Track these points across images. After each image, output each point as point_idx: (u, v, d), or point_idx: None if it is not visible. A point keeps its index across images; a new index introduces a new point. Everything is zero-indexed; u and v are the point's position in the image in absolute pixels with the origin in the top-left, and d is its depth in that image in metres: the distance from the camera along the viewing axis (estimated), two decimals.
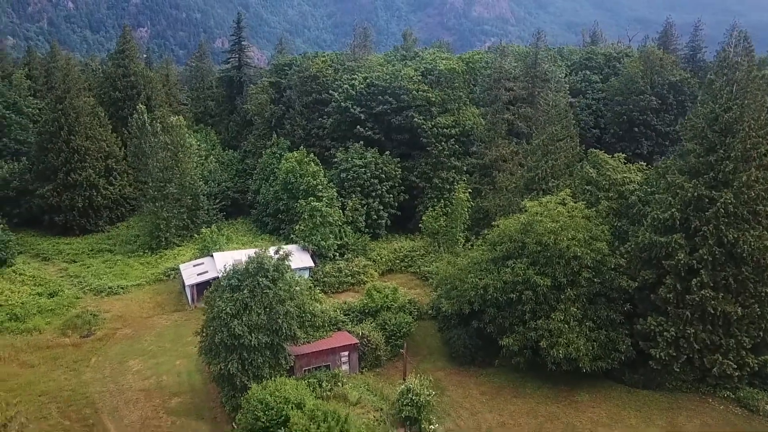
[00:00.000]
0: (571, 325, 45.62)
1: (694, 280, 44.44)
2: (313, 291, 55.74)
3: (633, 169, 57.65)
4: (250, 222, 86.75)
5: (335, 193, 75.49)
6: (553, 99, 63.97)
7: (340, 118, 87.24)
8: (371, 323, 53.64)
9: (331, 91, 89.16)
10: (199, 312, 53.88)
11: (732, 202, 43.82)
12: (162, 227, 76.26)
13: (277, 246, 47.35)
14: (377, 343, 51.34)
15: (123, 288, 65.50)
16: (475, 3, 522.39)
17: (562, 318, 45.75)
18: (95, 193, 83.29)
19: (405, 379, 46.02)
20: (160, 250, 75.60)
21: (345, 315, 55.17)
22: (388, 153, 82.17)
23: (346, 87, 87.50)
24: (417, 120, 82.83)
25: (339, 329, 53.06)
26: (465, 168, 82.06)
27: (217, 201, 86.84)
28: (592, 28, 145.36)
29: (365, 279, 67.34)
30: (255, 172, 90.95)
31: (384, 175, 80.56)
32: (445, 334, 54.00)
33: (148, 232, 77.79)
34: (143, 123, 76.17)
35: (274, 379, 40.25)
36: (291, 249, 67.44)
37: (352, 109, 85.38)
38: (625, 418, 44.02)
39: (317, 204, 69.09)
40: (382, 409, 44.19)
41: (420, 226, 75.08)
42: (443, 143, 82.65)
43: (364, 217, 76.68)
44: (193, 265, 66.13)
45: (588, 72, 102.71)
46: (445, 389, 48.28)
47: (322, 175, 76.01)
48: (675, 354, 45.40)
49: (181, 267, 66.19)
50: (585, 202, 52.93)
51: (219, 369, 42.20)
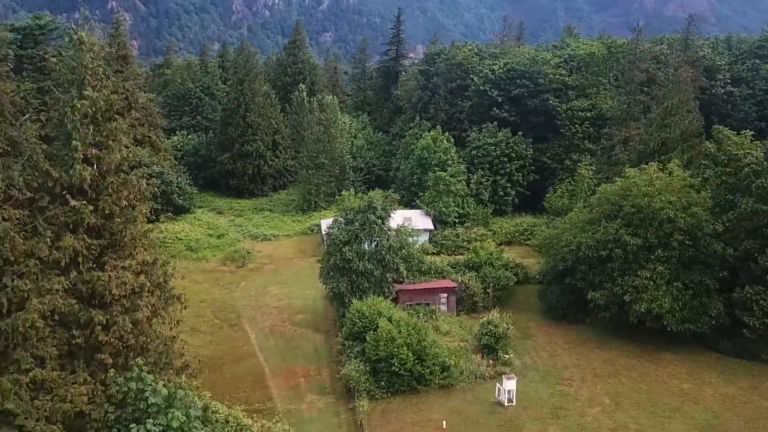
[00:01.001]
0: (658, 283, 46.95)
1: None
2: (424, 244, 62.15)
3: (759, 146, 56.08)
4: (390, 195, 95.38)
5: (463, 168, 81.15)
6: (673, 74, 63.63)
7: (478, 100, 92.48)
8: (474, 275, 58.76)
9: (471, 75, 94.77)
10: None
11: None
12: (312, 192, 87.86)
13: (386, 194, 54.57)
14: (475, 290, 56.45)
15: (274, 236, 77.77)
16: (669, 0, 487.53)
17: (648, 276, 47.27)
18: (263, 163, 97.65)
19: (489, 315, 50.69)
20: (310, 212, 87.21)
21: (451, 267, 60.82)
22: (521, 134, 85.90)
23: (486, 72, 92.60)
24: (552, 102, 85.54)
25: (444, 278, 58.96)
26: (598, 151, 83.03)
27: (362, 173, 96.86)
28: None
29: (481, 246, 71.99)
30: (398, 151, 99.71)
31: (514, 154, 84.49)
32: (541, 290, 57.47)
33: (301, 196, 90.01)
34: (302, 100, 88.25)
35: (372, 297, 47.60)
36: (414, 213, 75.00)
37: (490, 93, 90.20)
38: (706, 377, 44.53)
39: (441, 173, 75.41)
40: (467, 340, 49.52)
41: (543, 203, 78.06)
42: (577, 126, 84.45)
43: (490, 192, 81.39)
44: (332, 221, 76.00)
45: (758, 61, 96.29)
46: (533, 336, 52.08)
47: (453, 151, 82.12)
48: None
49: (322, 222, 76.45)
50: (695, 175, 53.12)
51: (332, 288, 50.61)
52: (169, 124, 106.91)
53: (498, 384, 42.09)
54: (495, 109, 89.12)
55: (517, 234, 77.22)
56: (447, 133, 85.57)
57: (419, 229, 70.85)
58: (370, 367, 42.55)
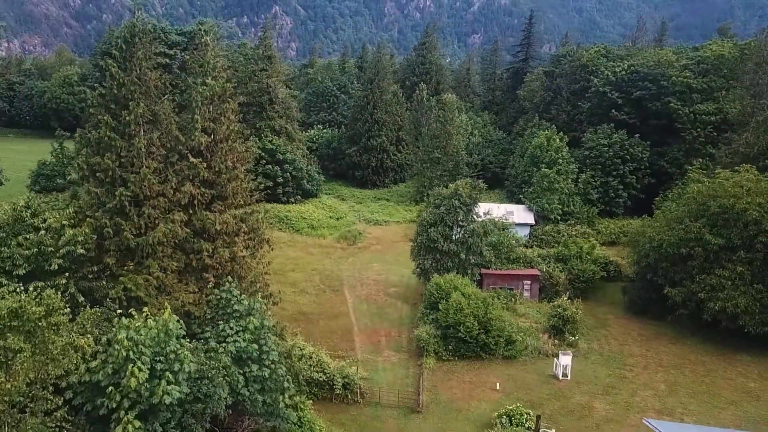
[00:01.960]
0: (737, 283, 47.00)
1: None
2: (514, 234, 65.76)
3: None
4: (503, 192, 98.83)
5: (574, 168, 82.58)
6: None
7: (598, 102, 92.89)
8: (560, 267, 61.28)
9: (591, 77, 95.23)
10: None
11: None
12: (426, 184, 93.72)
13: (473, 183, 58.91)
14: (558, 280, 59.10)
15: (385, 222, 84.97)
16: None
17: (727, 276, 47.42)
18: (386, 157, 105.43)
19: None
20: (422, 202, 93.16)
21: (541, 258, 63.70)
22: (637, 136, 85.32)
23: (607, 73, 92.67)
24: (673, 105, 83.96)
25: (531, 267, 62.15)
26: (723, 156, 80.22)
27: (476, 169, 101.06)
28: None
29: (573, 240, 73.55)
30: (515, 150, 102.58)
31: (629, 157, 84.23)
32: (624, 285, 58.63)
33: (415, 188, 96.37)
34: (422, 98, 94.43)
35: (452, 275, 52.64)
36: (517, 207, 78.20)
37: (610, 94, 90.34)
38: None
39: (546, 170, 77.76)
40: (541, 322, 52.80)
41: (652, 206, 77.32)
42: (699, 130, 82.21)
43: (600, 192, 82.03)
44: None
45: None
46: (608, 326, 53.92)
47: (566, 150, 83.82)
48: None
49: None
50: None
51: (419, 264, 56.31)
52: (308, 119, 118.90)
53: (555, 359, 45.30)
54: (614, 110, 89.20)
55: (623, 235, 77.26)
56: (561, 132, 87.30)
57: (520, 223, 74.30)
58: (441, 332, 47.76)
